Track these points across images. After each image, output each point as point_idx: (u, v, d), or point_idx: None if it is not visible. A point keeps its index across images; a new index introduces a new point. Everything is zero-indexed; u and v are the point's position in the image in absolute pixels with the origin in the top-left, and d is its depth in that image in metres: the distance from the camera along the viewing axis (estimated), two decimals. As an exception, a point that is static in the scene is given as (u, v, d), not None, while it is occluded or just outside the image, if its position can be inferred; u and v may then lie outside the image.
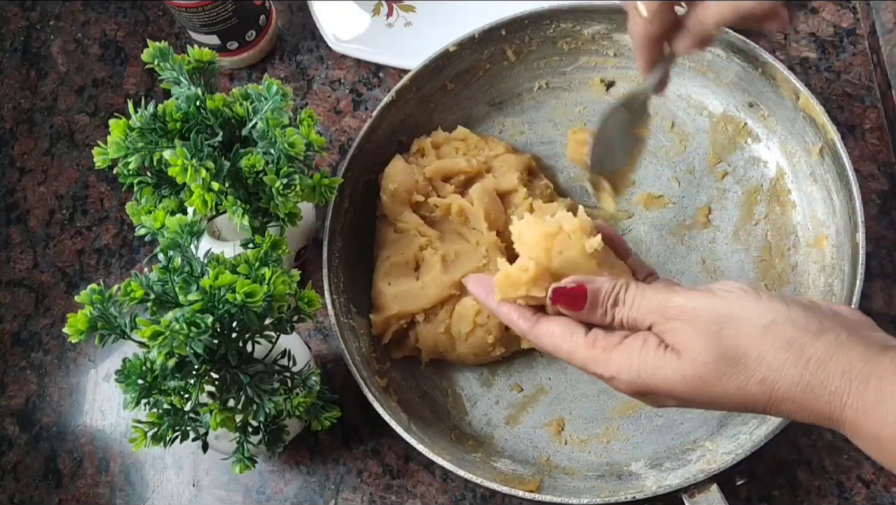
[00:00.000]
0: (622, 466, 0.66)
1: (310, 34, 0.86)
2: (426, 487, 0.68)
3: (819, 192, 0.70)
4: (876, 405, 0.41)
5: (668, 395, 0.46)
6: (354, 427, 0.70)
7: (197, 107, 0.57)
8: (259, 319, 0.53)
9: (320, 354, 0.73)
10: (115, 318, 0.52)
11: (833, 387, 0.42)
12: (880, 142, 0.76)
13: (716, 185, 0.74)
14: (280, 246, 0.56)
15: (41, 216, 0.82)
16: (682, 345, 0.45)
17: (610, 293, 0.47)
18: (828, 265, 0.68)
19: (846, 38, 0.80)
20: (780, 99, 0.70)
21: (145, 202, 0.60)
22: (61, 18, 0.90)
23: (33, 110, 0.86)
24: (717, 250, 0.72)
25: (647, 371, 0.46)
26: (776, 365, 0.42)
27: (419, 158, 0.74)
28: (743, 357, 0.43)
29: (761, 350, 0.43)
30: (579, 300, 0.48)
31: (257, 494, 0.69)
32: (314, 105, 0.83)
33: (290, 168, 0.57)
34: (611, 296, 0.47)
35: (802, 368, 0.42)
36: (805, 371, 0.42)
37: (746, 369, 0.43)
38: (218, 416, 0.55)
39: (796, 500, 0.65)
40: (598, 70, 0.78)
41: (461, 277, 0.68)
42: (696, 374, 0.44)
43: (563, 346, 0.48)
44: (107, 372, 0.75)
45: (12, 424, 0.74)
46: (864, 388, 0.41)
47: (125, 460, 0.72)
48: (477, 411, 0.70)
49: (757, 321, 0.43)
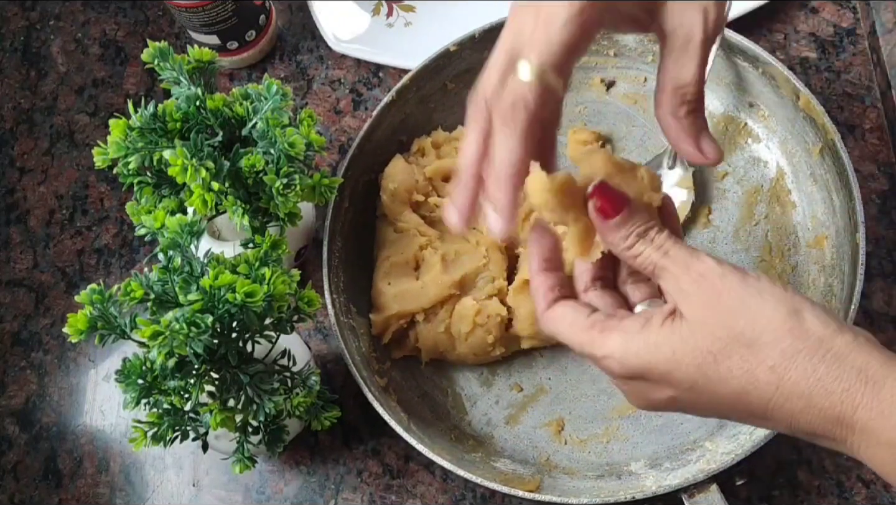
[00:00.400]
0: (622, 466, 0.66)
1: (310, 34, 0.86)
2: (426, 487, 0.68)
3: (819, 193, 0.70)
4: (893, 407, 0.39)
5: (666, 378, 0.43)
6: (354, 427, 0.70)
7: (197, 107, 0.57)
8: (259, 319, 0.53)
9: (320, 354, 0.73)
10: (115, 318, 0.52)
11: (847, 384, 0.39)
12: (880, 142, 0.76)
13: (716, 186, 0.74)
14: (280, 246, 0.56)
15: (41, 216, 0.82)
16: (696, 316, 0.42)
17: (645, 222, 0.44)
18: (828, 265, 0.68)
19: (846, 38, 0.80)
20: (780, 99, 0.70)
21: (145, 202, 0.60)
22: (61, 18, 0.90)
23: (33, 110, 0.86)
24: (717, 250, 0.72)
25: (647, 350, 0.43)
26: (791, 353, 0.40)
27: (419, 158, 0.74)
28: (758, 340, 0.40)
29: (778, 335, 0.40)
30: (618, 205, 0.43)
31: (257, 494, 0.69)
32: (314, 105, 0.83)
33: (290, 168, 0.57)
34: (644, 225, 0.44)
35: (818, 360, 0.40)
36: (820, 364, 0.40)
37: (760, 353, 0.40)
38: (218, 416, 0.55)
39: (796, 500, 0.65)
40: (598, 70, 0.78)
41: (461, 277, 0.68)
42: (707, 348, 0.41)
43: (566, 330, 0.46)
44: (107, 372, 0.75)
45: (12, 424, 0.74)
46: (879, 389, 0.39)
47: (125, 460, 0.72)
48: (477, 411, 0.70)
49: (780, 308, 0.41)
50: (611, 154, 0.46)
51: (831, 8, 0.81)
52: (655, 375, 0.43)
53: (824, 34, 0.80)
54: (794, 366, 0.40)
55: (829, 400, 0.39)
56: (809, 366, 0.40)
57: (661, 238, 0.44)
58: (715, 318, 0.41)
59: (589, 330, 0.45)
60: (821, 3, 0.82)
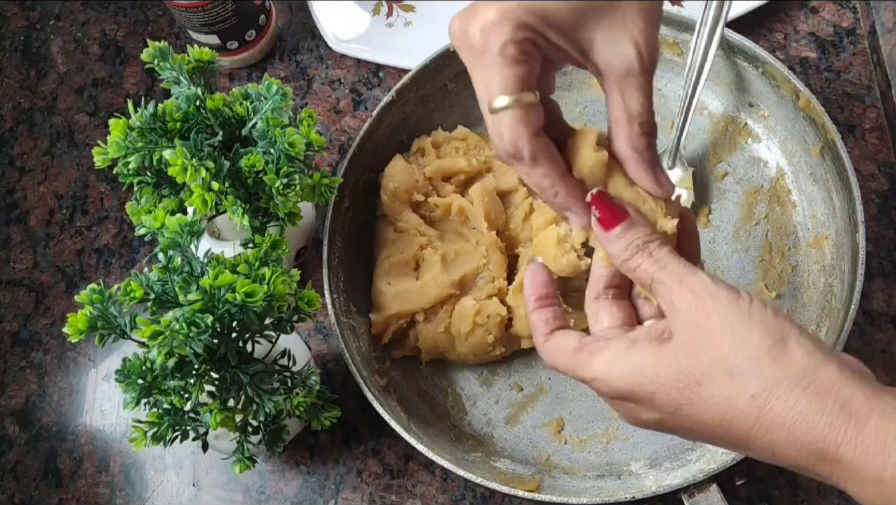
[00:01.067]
0: (622, 465, 0.66)
1: (310, 34, 0.86)
2: (426, 487, 0.68)
3: (819, 192, 0.70)
4: (878, 444, 0.37)
5: (650, 400, 0.42)
6: (354, 427, 0.70)
7: (197, 106, 0.57)
8: (259, 319, 0.53)
9: (320, 354, 0.73)
10: (115, 317, 0.52)
11: (829, 418, 0.38)
12: (880, 142, 0.76)
13: (716, 186, 0.74)
14: (280, 246, 0.56)
15: (41, 216, 0.82)
16: (685, 333, 0.41)
17: (645, 235, 0.44)
18: (828, 265, 0.68)
19: (846, 38, 0.80)
20: (781, 99, 0.70)
21: (145, 202, 0.60)
22: (61, 18, 0.90)
23: (33, 110, 0.86)
24: (717, 250, 0.72)
25: (633, 370, 0.42)
26: (772, 383, 0.39)
27: (419, 158, 0.74)
28: (739, 367, 0.40)
29: (760, 363, 0.40)
30: (618, 216, 0.44)
31: (257, 494, 0.69)
32: (314, 105, 0.83)
33: (290, 168, 0.57)
34: (644, 237, 0.44)
35: (800, 392, 0.39)
36: (802, 396, 0.39)
37: (740, 381, 0.40)
38: (218, 415, 0.55)
39: (796, 500, 0.65)
40: (598, 70, 0.78)
41: (461, 277, 0.68)
42: (688, 371, 0.41)
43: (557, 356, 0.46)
44: (107, 372, 0.75)
45: (12, 423, 0.74)
46: (863, 425, 0.38)
47: (125, 460, 0.72)
48: (477, 411, 0.70)
49: (766, 336, 0.40)
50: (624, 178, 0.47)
51: (831, 8, 0.81)
52: (640, 396, 0.43)
53: (824, 34, 0.80)
54: (774, 396, 0.39)
55: (812, 434, 0.38)
56: (791, 397, 0.39)
57: (661, 252, 0.44)
58: (700, 340, 0.41)
59: (577, 353, 0.45)
60: (821, 3, 0.82)
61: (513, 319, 0.68)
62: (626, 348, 0.43)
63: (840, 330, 0.61)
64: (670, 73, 0.76)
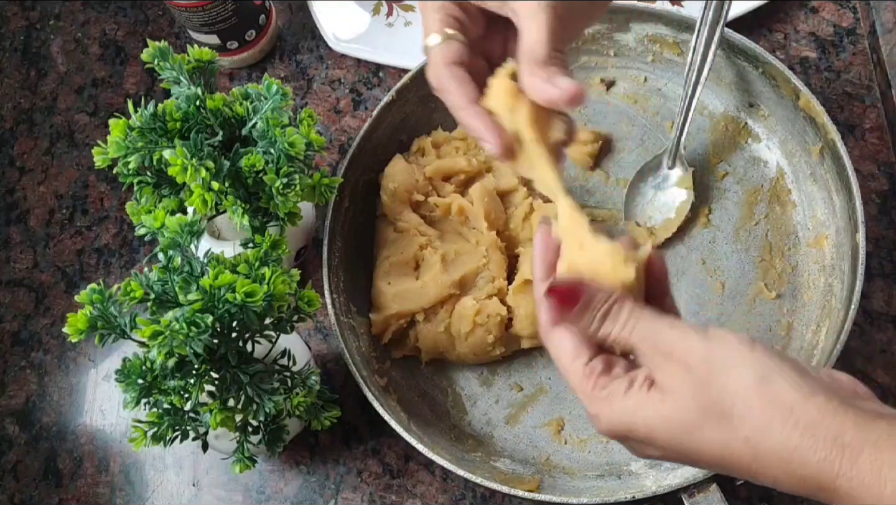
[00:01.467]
0: (622, 465, 0.66)
1: (310, 34, 0.86)
2: (426, 487, 0.68)
3: (819, 192, 0.70)
4: (872, 475, 0.38)
5: (649, 440, 0.43)
6: (354, 427, 0.70)
7: (197, 106, 0.57)
8: (259, 319, 0.53)
9: (320, 354, 0.73)
10: (115, 317, 0.52)
11: (823, 454, 0.38)
12: (880, 142, 0.76)
13: (716, 185, 0.74)
14: (280, 246, 0.56)
15: (41, 216, 0.82)
16: (669, 386, 0.42)
17: (604, 302, 0.44)
18: (828, 265, 0.68)
19: (846, 38, 0.80)
20: (781, 99, 0.70)
21: (145, 202, 0.60)
22: (61, 18, 0.90)
23: (33, 110, 0.86)
24: (717, 250, 0.72)
25: (627, 413, 0.43)
26: (762, 424, 0.40)
27: (419, 158, 0.74)
28: (729, 412, 0.40)
29: (749, 406, 0.40)
30: (574, 295, 0.44)
31: (257, 494, 0.69)
32: (314, 105, 0.83)
33: (290, 168, 0.57)
34: (602, 307, 0.44)
35: (790, 430, 0.39)
36: (793, 433, 0.39)
37: (731, 425, 0.40)
38: (218, 415, 0.55)
39: (796, 500, 0.65)
40: (598, 70, 0.78)
41: (461, 277, 0.68)
42: (680, 420, 0.42)
43: (564, 362, 0.46)
44: (107, 372, 0.75)
45: (12, 423, 0.74)
46: (857, 456, 0.38)
47: (125, 460, 0.72)
48: (477, 411, 0.70)
49: (748, 375, 0.41)
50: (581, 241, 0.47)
51: (831, 8, 0.81)
52: (638, 437, 0.44)
53: (824, 34, 0.80)
54: (767, 438, 0.40)
55: (807, 469, 0.39)
56: (783, 436, 0.39)
57: (625, 314, 0.44)
58: (685, 389, 0.42)
59: (585, 380, 0.45)
60: (821, 3, 0.82)
61: (513, 319, 0.68)
62: (625, 392, 0.44)
63: (840, 330, 0.61)
64: (670, 73, 0.76)
